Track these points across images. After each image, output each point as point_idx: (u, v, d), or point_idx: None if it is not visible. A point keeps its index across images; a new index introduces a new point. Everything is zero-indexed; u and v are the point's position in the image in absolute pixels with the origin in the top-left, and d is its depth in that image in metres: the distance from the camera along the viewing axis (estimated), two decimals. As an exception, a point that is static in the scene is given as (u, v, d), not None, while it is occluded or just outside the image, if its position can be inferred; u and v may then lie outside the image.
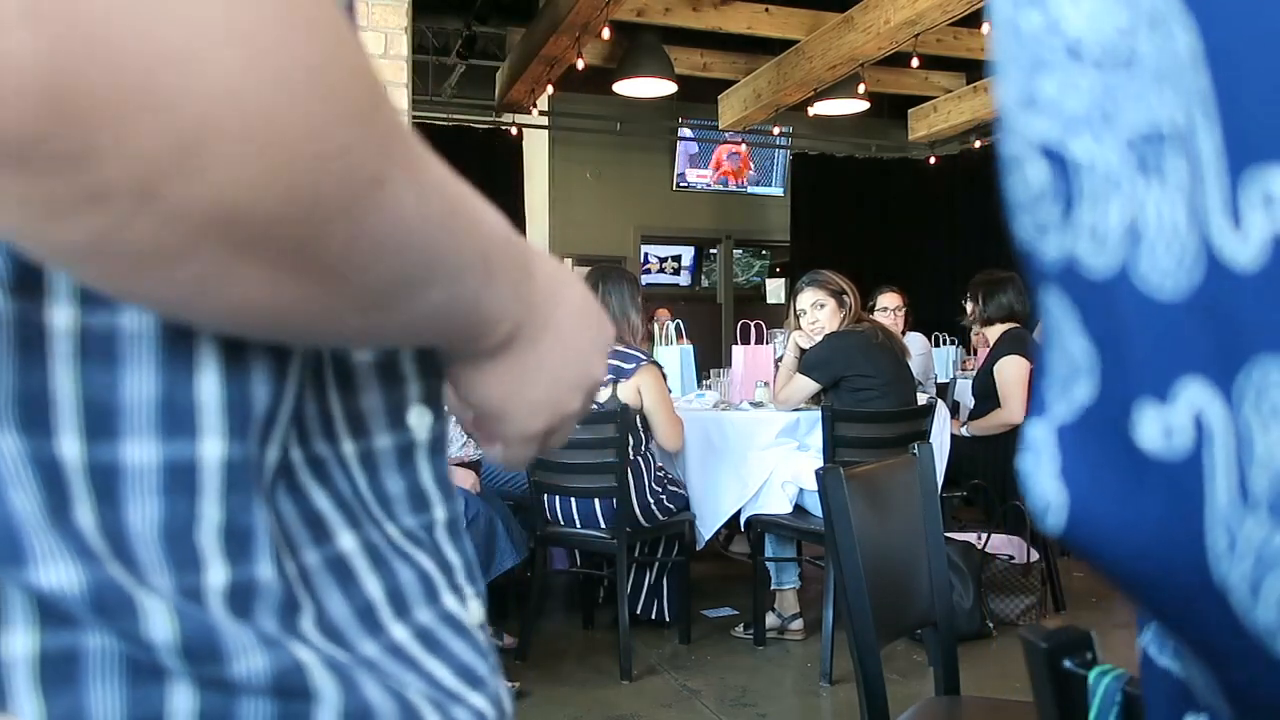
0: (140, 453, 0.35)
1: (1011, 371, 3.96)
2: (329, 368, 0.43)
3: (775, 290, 9.29)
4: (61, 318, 0.34)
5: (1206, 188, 0.34)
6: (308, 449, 0.41)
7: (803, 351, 3.68)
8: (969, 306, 4.31)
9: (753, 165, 8.93)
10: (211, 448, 0.36)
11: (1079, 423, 0.39)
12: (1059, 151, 0.39)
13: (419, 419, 0.47)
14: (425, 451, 0.47)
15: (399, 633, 0.43)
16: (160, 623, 0.34)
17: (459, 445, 3.62)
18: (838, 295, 3.63)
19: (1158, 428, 0.36)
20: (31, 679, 0.33)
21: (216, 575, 0.36)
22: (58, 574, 0.33)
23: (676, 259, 9.12)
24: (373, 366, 0.45)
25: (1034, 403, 0.43)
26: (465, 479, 3.22)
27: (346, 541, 0.42)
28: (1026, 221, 0.41)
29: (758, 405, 3.90)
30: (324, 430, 0.43)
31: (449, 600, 0.46)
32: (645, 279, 8.51)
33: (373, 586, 0.42)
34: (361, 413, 0.44)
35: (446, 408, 0.49)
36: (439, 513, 0.48)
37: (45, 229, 0.28)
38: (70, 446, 0.34)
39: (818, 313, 3.64)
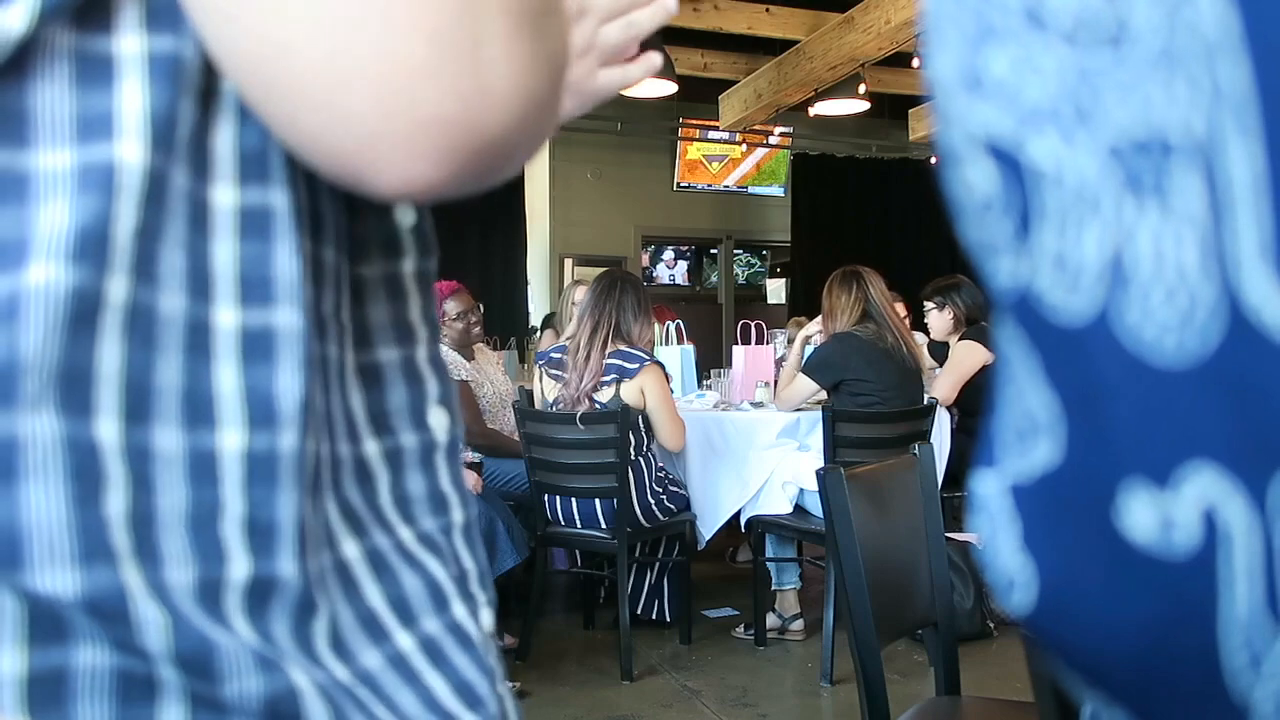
0: (167, 439, 0.35)
1: (962, 354, 3.97)
2: (351, 368, 0.43)
3: (775, 290, 9.29)
4: (116, 290, 0.34)
5: (1236, 222, 0.26)
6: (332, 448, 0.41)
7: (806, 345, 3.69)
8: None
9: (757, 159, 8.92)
10: (231, 439, 0.36)
11: (1040, 489, 0.32)
12: (1011, 152, 0.31)
13: (438, 419, 0.47)
14: (444, 454, 0.48)
15: (404, 641, 0.42)
16: (156, 636, 0.33)
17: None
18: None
19: (1153, 518, 0.29)
20: (18, 699, 0.32)
21: (239, 568, 0.35)
22: (54, 580, 0.32)
23: (677, 259, 9.11)
24: (399, 364, 0.46)
25: (982, 448, 0.35)
26: (466, 479, 3.21)
27: (350, 549, 0.42)
28: (972, 234, 0.33)
29: (758, 405, 3.90)
30: (347, 431, 0.42)
31: (459, 610, 0.46)
32: (646, 279, 8.50)
33: (374, 595, 0.42)
34: (387, 411, 0.45)
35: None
36: (457, 516, 0.48)
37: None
38: (109, 428, 0.33)
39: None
